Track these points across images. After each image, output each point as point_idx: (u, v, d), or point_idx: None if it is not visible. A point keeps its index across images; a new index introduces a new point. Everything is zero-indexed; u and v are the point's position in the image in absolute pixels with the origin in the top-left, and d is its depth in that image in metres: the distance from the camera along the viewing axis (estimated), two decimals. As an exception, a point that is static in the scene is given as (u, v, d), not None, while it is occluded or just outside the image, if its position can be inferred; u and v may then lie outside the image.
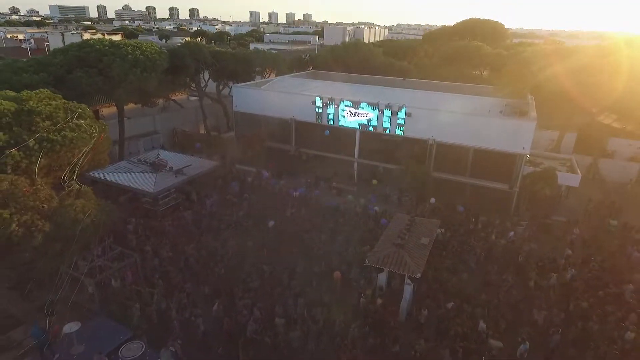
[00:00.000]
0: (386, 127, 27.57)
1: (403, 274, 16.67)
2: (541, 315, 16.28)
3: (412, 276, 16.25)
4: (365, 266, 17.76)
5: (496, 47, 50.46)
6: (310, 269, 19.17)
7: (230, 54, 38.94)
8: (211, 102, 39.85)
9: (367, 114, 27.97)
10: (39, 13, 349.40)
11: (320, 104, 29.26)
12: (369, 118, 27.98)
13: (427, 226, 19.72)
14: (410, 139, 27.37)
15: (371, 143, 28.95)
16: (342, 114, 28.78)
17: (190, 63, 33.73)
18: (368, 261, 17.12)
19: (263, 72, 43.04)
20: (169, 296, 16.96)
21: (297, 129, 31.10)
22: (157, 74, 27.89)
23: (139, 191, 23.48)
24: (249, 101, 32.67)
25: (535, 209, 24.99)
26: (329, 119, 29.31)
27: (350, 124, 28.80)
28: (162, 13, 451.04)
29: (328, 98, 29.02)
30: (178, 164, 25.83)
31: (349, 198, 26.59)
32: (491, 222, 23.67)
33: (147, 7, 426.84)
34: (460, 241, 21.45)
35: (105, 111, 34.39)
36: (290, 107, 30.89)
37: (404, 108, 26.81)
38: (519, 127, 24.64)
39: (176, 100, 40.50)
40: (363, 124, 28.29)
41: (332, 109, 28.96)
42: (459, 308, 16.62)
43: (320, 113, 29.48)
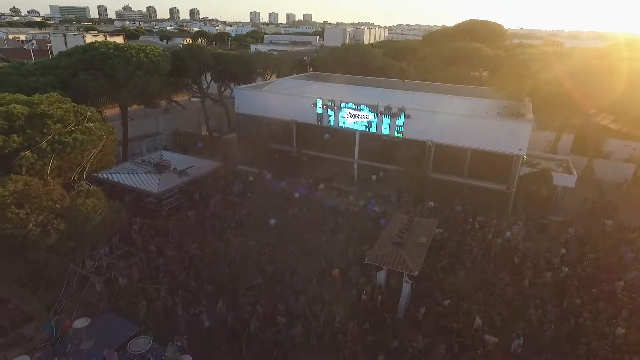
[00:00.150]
0: (385, 130, 28.07)
1: (401, 272, 17.15)
2: (537, 312, 16.77)
3: (410, 274, 16.74)
4: (364, 264, 18.25)
5: (495, 49, 50.99)
6: (311, 268, 19.67)
7: (231, 56, 39.41)
8: (213, 104, 40.35)
9: (367, 116, 28.47)
10: (40, 13, 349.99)
11: (320, 106, 29.76)
12: (369, 120, 28.49)
13: (426, 226, 20.20)
14: (409, 140, 27.85)
15: (371, 144, 29.44)
16: (342, 116, 29.28)
17: (192, 65, 34.22)
18: (367, 259, 17.60)
19: (264, 74, 43.54)
20: (174, 294, 17.47)
21: (298, 131, 31.59)
22: (161, 76, 28.47)
23: (144, 192, 23.96)
24: (251, 103, 33.17)
25: (531, 209, 25.46)
26: (330, 121, 29.81)
27: (350, 126, 29.30)
28: (163, 13, 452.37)
29: (328, 100, 29.52)
30: (181, 165, 26.33)
31: (350, 199, 27.07)
32: (488, 222, 24.16)
33: (148, 8, 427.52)
34: (458, 241, 21.96)
35: (108, 112, 34.83)
36: (291, 109, 31.37)
37: (402, 115, 27.29)
38: (516, 129, 25.14)
39: (178, 101, 40.98)
40: (363, 126, 28.79)
41: (333, 111, 29.46)
42: (456, 305, 17.12)
43: (320, 115, 29.98)
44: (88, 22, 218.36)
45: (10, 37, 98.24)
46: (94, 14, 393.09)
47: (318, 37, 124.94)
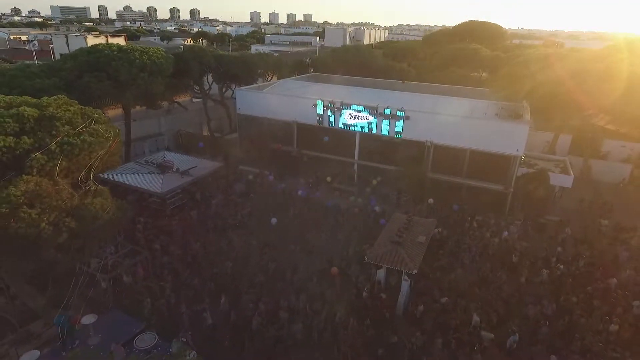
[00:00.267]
0: (385, 131, 28.46)
1: (400, 271, 17.54)
2: (536, 307, 17.16)
3: (409, 272, 17.12)
4: (364, 263, 18.63)
5: (494, 49, 51.35)
6: (311, 266, 20.06)
7: (233, 58, 39.80)
8: (214, 104, 40.74)
9: (367, 117, 28.85)
10: (40, 14, 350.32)
11: (321, 107, 30.15)
12: (369, 121, 28.88)
13: (424, 225, 20.59)
14: (408, 141, 28.23)
15: (371, 145, 29.84)
16: (343, 117, 29.66)
17: (194, 67, 34.61)
18: (367, 258, 18.00)
19: (265, 75, 43.93)
20: (178, 291, 17.87)
21: (299, 131, 31.98)
22: (163, 78, 28.86)
23: (148, 192, 24.37)
24: (252, 104, 33.56)
25: (529, 209, 25.85)
26: (330, 122, 30.20)
27: (350, 127, 29.67)
28: (163, 14, 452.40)
29: (329, 101, 29.91)
30: (184, 166, 26.74)
31: (351, 199, 27.44)
32: (486, 222, 24.55)
33: (148, 8, 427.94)
34: (456, 240, 22.34)
35: (110, 113, 35.19)
36: (292, 110, 31.75)
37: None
38: (513, 130, 25.52)
39: (180, 102, 41.36)
40: (363, 127, 29.18)
41: (333, 112, 29.85)
42: (454, 303, 17.51)
43: (321, 116, 30.37)
44: (89, 23, 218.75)
45: (11, 38, 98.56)
46: (95, 14, 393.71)
47: (318, 38, 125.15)
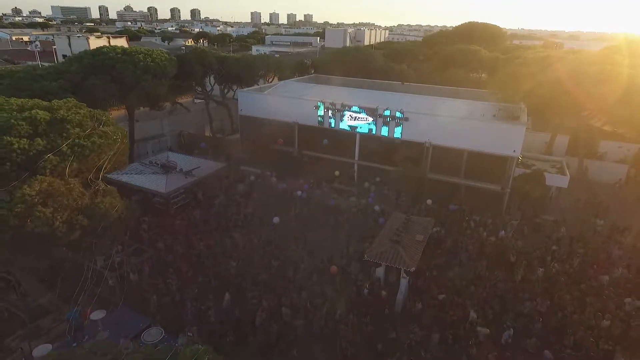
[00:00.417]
0: (384, 132, 28.98)
1: (399, 268, 18.04)
2: (532, 303, 17.65)
3: (408, 270, 17.63)
4: (364, 261, 19.13)
5: (494, 50, 51.87)
6: (312, 264, 20.57)
7: (234, 59, 40.34)
8: (216, 105, 41.27)
9: (367, 118, 29.36)
10: (41, 14, 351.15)
11: (322, 109, 30.66)
12: (369, 122, 29.38)
13: (422, 224, 21.09)
14: (407, 142, 28.74)
15: (370, 146, 30.35)
16: (343, 118, 30.16)
17: (197, 69, 35.17)
18: (367, 256, 18.50)
19: (266, 77, 44.45)
20: (183, 289, 18.39)
21: (300, 132, 32.48)
22: (167, 80, 29.40)
23: (152, 191, 24.88)
24: (254, 105, 34.08)
25: (525, 209, 26.34)
26: (331, 123, 30.70)
27: (350, 128, 30.17)
28: (164, 14, 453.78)
29: (330, 103, 30.42)
30: (187, 166, 27.23)
31: (351, 199, 27.94)
32: (483, 221, 25.04)
33: (149, 8, 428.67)
34: (454, 239, 22.84)
35: (113, 114, 35.73)
36: (293, 111, 32.26)
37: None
38: (510, 131, 26.00)
39: (182, 103, 41.89)
40: (363, 128, 29.69)
41: (334, 114, 30.35)
42: (451, 300, 18.01)
43: (322, 117, 30.87)
44: (89, 23, 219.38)
45: (14, 39, 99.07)
46: (95, 15, 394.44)
47: (319, 38, 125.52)
